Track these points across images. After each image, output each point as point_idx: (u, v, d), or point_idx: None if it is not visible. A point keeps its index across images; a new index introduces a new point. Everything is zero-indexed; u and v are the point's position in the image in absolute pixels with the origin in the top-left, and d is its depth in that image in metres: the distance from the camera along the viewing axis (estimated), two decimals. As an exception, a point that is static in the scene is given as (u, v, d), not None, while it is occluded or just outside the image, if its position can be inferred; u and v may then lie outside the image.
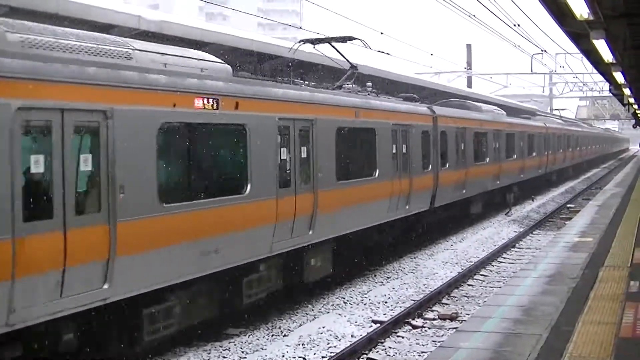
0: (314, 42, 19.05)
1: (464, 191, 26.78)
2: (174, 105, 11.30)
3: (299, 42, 19.23)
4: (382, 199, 19.09)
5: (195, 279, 11.90)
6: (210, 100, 12.13)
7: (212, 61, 13.29)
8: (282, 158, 14.21)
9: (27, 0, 12.34)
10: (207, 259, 12.02)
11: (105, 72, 10.13)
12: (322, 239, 15.76)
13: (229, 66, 13.77)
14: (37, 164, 9.09)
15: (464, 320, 14.10)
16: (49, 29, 10.24)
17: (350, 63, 20.04)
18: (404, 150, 20.74)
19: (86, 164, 9.78)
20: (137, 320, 11.00)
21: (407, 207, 20.87)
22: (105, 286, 10.05)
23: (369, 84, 21.03)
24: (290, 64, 20.87)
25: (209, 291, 12.73)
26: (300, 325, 14.67)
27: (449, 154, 25.11)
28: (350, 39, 18.94)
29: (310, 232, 15.12)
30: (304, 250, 15.38)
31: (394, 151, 20.01)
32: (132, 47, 11.35)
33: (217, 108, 12.29)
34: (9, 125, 8.67)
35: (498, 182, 32.09)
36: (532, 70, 57.98)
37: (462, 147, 26.68)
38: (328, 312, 15.60)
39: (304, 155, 15.03)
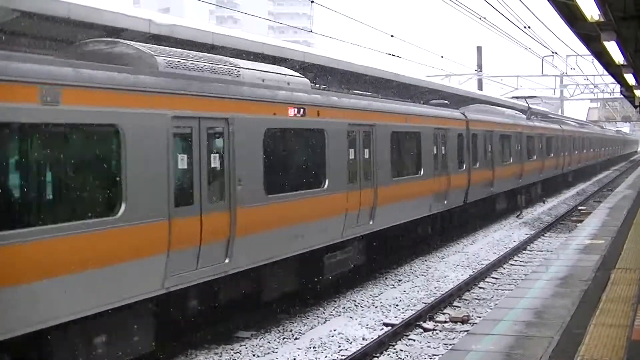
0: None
1: (491, 188, 29.50)
2: (274, 114, 13.89)
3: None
4: (426, 195, 21.89)
5: (289, 257, 14.36)
6: (300, 109, 14.75)
7: (295, 75, 15.88)
8: (350, 158, 16.79)
9: (39, 4, 12.38)
10: (297, 241, 14.45)
11: (227, 87, 12.58)
12: (379, 229, 18.18)
13: (308, 80, 16.51)
14: (182, 161, 11.35)
15: (475, 323, 14.07)
16: (179, 52, 12.66)
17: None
18: (443, 151, 23.46)
19: (215, 161, 12.06)
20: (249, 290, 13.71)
21: (445, 202, 23.49)
22: (227, 261, 12.28)
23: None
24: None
25: (299, 267, 15.29)
26: (312, 328, 14.68)
27: (479, 154, 27.65)
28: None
29: (371, 222, 17.52)
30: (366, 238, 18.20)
31: (435, 152, 22.70)
32: (240, 66, 13.82)
33: (304, 115, 14.88)
34: (167, 131, 10.99)
35: (520, 180, 34.73)
36: (542, 73, 57.79)
37: (490, 149, 29.28)
38: (339, 315, 15.60)
39: (366, 155, 17.62)
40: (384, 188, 18.16)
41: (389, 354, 13.15)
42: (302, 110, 14.77)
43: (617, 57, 15.93)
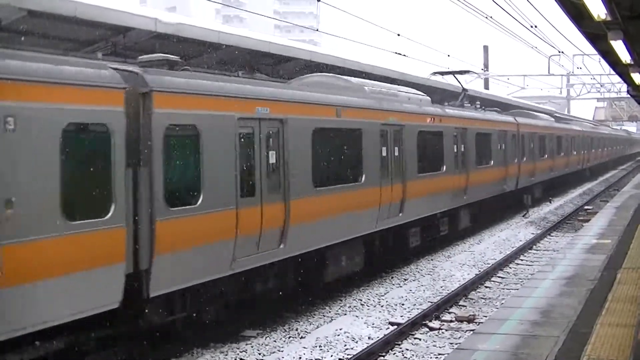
0: (442, 73, 29.48)
1: (533, 178, 35.63)
2: (420, 121, 20.82)
3: (433, 73, 29.59)
4: (494, 181, 28.71)
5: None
6: (433, 118, 21.76)
7: (422, 94, 22.31)
8: (454, 151, 23.81)
9: (45, 3, 12.41)
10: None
11: (402, 106, 19.85)
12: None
13: (428, 97, 22.70)
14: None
15: (481, 323, 14.05)
16: (374, 83, 19.50)
17: (462, 87, 30.01)
18: (504, 147, 29.94)
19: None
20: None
21: (504, 187, 30.25)
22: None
23: (478, 102, 31.43)
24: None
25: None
26: (317, 327, 14.68)
27: (526, 151, 33.82)
28: (468, 72, 30.13)
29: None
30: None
31: (498, 148, 29.20)
32: (398, 90, 20.49)
33: (434, 122, 21.80)
34: (377, 131, 17.64)
35: (552, 172, 41.10)
36: (549, 72, 57.65)
37: (532, 147, 35.23)
38: (345, 314, 15.60)
39: (462, 149, 24.44)
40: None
41: (394, 353, 13.14)
42: (433, 119, 21.03)
43: (624, 56, 15.88)
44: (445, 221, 23.57)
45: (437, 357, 12.81)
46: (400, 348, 13.42)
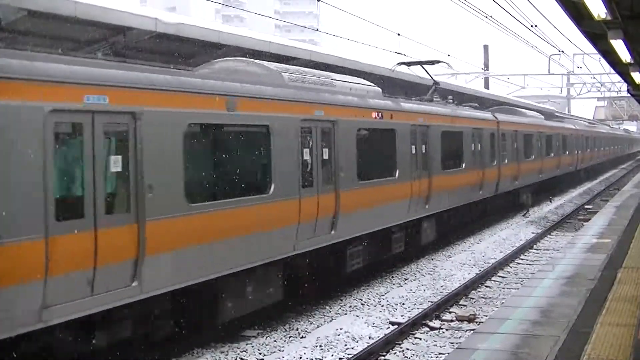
0: (408, 64, 24.57)
1: (517, 182, 32.36)
2: (363, 117, 17.21)
3: (398, 64, 24.44)
4: (468, 186, 25.20)
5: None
6: (380, 113, 18.10)
7: (370, 85, 19.09)
8: (412, 153, 19.81)
9: (45, 3, 12.41)
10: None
11: (334, 97, 16.07)
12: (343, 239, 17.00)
13: (379, 88, 19.43)
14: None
15: (482, 322, 14.06)
16: (295, 69, 16.07)
17: (434, 80, 25.73)
18: (479, 148, 26.53)
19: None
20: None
21: (479, 192, 26.60)
22: (332, 232, 15.63)
23: (450, 97, 26.83)
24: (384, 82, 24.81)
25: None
26: (318, 326, 14.69)
27: (507, 152, 30.53)
28: (438, 62, 24.61)
29: (333, 232, 15.82)
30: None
31: (473, 148, 25.77)
32: (334, 79, 17.08)
33: (382, 118, 18.20)
34: (295, 129, 14.31)
35: (541, 175, 37.52)
36: (549, 71, 57.73)
37: (515, 147, 31.93)
38: (345, 314, 15.60)
39: (423, 151, 20.67)
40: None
41: (395, 353, 13.14)
42: (380, 114, 18.08)
43: (624, 55, 15.91)
44: (400, 236, 19.84)
45: (437, 357, 12.81)
46: (401, 348, 13.42)
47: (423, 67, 24.64)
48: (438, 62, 24.44)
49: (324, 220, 15.28)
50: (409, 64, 24.32)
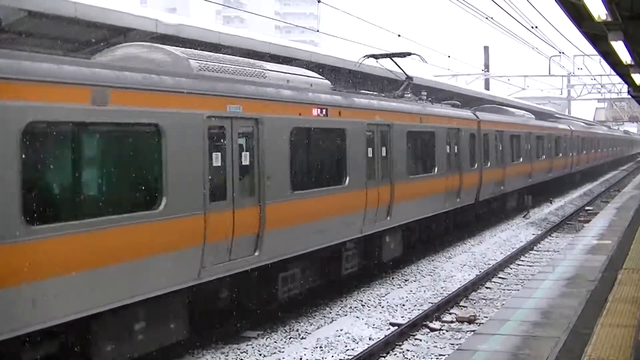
0: (377, 57, 21.73)
1: (502, 187, 29.69)
2: (299, 114, 14.56)
3: (364, 56, 21.71)
4: (442, 193, 22.59)
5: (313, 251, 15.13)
6: (323, 110, 15.44)
7: (317, 77, 16.64)
8: (368, 156, 17.36)
9: (45, 4, 12.41)
10: (319, 236, 15.41)
11: (259, 90, 13.33)
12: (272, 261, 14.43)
13: (328, 81, 17.02)
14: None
15: (482, 323, 14.05)
16: (208, 55, 13.42)
17: (406, 74, 22.60)
18: (456, 150, 23.91)
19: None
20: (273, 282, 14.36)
21: (456, 200, 23.99)
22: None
23: (424, 92, 23.96)
24: (358, 76, 23.99)
25: (325, 259, 16.29)
26: (318, 327, 14.68)
27: (490, 154, 27.94)
28: (409, 54, 21.86)
29: (256, 254, 13.08)
30: (384, 234, 18.91)
31: (448, 151, 23.11)
32: (266, 68, 14.47)
33: (327, 116, 15.58)
34: (198, 128, 11.59)
35: (530, 179, 34.68)
36: (549, 73, 57.76)
37: (500, 148, 29.40)
38: (346, 315, 15.60)
39: (383, 154, 18.22)
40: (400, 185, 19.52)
41: (395, 354, 13.14)
42: (324, 110, 15.53)
43: (625, 56, 15.90)
44: (354, 254, 17.26)
45: (437, 358, 12.81)
46: (401, 349, 13.42)
47: (393, 60, 21.76)
48: (409, 54, 21.77)
49: (243, 239, 12.58)
50: (377, 56, 21.72)
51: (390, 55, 21.56)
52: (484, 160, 26.96)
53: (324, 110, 15.35)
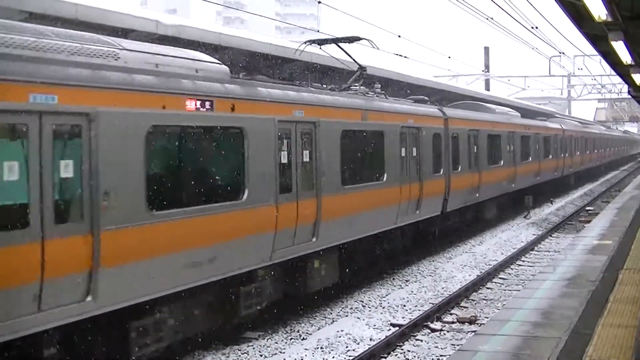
0: (320, 42, 18.50)
1: (477, 195, 25.98)
2: (163, 107, 10.86)
3: (305, 42, 18.59)
4: (392, 205, 18.57)
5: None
6: (207, 103, 11.71)
7: (210, 61, 12.91)
8: (280, 162, 13.59)
9: (47, 5, 12.43)
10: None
11: (95, 74, 9.87)
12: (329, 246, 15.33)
13: (226, 67, 13.32)
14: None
15: (483, 324, 14.06)
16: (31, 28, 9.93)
17: (358, 64, 19.34)
18: (414, 153, 19.93)
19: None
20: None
21: (417, 212, 20.18)
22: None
23: (378, 85, 20.30)
24: (310, 67, 21.23)
25: (211, 300, 12.79)
26: (319, 328, 14.69)
27: (461, 158, 24.19)
28: (358, 39, 18.43)
29: (89, 299, 9.60)
30: (311, 258, 15.27)
31: (403, 154, 19.16)
32: (128, 48, 11.02)
33: (213, 110, 11.81)
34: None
35: (513, 184, 31.12)
36: (550, 73, 57.81)
37: (475, 151, 25.77)
38: (346, 316, 15.60)
39: (305, 159, 14.55)
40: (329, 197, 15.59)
41: (396, 355, 13.15)
42: (208, 104, 11.76)
43: (625, 57, 15.90)
44: (260, 288, 13.48)
45: (438, 359, 12.82)
46: (402, 349, 13.43)
47: (339, 46, 18.74)
48: (358, 39, 18.42)
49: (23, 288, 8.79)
50: (320, 41, 18.47)
51: (335, 41, 18.58)
52: (453, 165, 23.34)
53: (207, 103, 11.65)
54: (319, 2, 19.68)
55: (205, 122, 11.79)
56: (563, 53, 44.23)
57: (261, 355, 12.90)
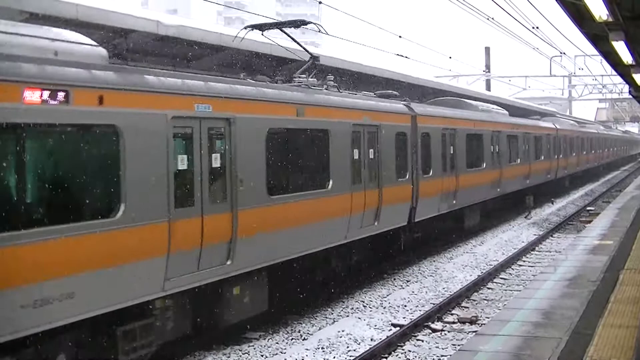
0: (261, 27, 16.44)
1: (454, 202, 23.49)
2: None
3: (245, 28, 16.18)
4: (342, 217, 16.16)
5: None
6: (67, 95, 9.22)
7: (85, 43, 10.47)
8: (179, 168, 11.21)
9: (48, 5, 12.42)
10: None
11: None
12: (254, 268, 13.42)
13: (104, 49, 10.86)
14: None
15: (484, 324, 14.06)
16: None
17: (310, 53, 17.37)
18: (371, 156, 17.57)
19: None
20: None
21: (375, 223, 17.72)
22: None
23: (330, 77, 18.13)
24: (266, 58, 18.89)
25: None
26: (320, 329, 14.69)
27: (433, 161, 21.60)
28: (304, 22, 16.42)
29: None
30: (227, 285, 12.77)
31: (357, 157, 16.85)
32: None
33: (82, 105, 9.45)
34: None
35: (499, 189, 28.89)
36: (551, 73, 57.76)
37: (451, 153, 23.26)
38: (347, 316, 15.60)
39: (216, 165, 12.13)
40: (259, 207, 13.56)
41: (397, 355, 13.14)
42: (67, 96, 9.24)
43: (626, 57, 15.89)
44: (160, 322, 11.32)
45: (439, 359, 12.82)
46: (403, 350, 13.43)
47: (284, 31, 16.85)
48: (304, 23, 16.33)
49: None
50: (262, 26, 16.40)
51: (278, 25, 16.65)
52: (423, 168, 20.78)
53: (59, 95, 9.10)
54: (320, 3, 19.68)
55: (71, 120, 9.32)
56: (564, 53, 44.17)
57: (262, 355, 12.90)
